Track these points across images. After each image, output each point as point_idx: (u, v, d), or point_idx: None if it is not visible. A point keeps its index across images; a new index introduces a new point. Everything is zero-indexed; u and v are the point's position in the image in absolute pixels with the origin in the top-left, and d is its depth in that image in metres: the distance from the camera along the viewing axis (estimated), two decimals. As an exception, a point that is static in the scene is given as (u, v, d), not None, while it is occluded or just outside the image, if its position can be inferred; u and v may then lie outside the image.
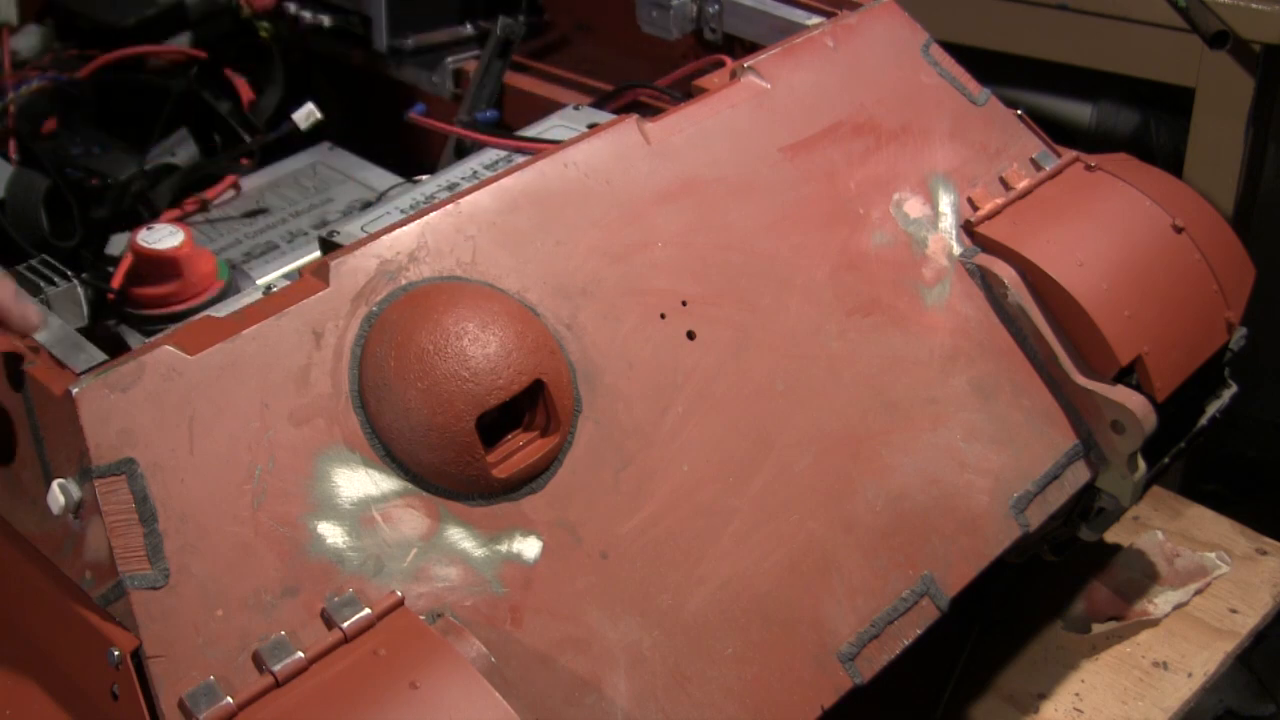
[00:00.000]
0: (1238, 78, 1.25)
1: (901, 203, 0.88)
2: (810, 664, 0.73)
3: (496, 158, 0.93)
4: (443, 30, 1.20)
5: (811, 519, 0.76)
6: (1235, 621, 1.07)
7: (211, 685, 0.59)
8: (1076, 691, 1.02)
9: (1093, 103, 1.43)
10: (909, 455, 0.81)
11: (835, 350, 0.81)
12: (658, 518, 0.72)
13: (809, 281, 0.82)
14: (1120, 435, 0.86)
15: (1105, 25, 1.32)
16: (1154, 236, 0.91)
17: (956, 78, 0.95)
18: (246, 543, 0.62)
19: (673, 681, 0.69)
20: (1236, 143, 1.28)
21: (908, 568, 0.78)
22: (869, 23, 0.94)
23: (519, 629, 0.66)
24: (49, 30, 1.24)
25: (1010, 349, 0.87)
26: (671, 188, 0.80)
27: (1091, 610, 1.08)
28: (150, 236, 0.86)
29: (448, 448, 0.66)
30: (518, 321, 0.70)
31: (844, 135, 0.88)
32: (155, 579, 0.60)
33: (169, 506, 0.61)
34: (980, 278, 0.88)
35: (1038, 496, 0.84)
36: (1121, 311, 0.86)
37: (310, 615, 0.62)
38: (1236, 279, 0.94)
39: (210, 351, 0.64)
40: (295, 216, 1.00)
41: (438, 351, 0.67)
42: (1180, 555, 1.13)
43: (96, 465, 0.60)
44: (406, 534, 0.66)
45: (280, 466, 0.64)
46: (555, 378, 0.70)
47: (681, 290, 0.78)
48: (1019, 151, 0.95)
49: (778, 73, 0.88)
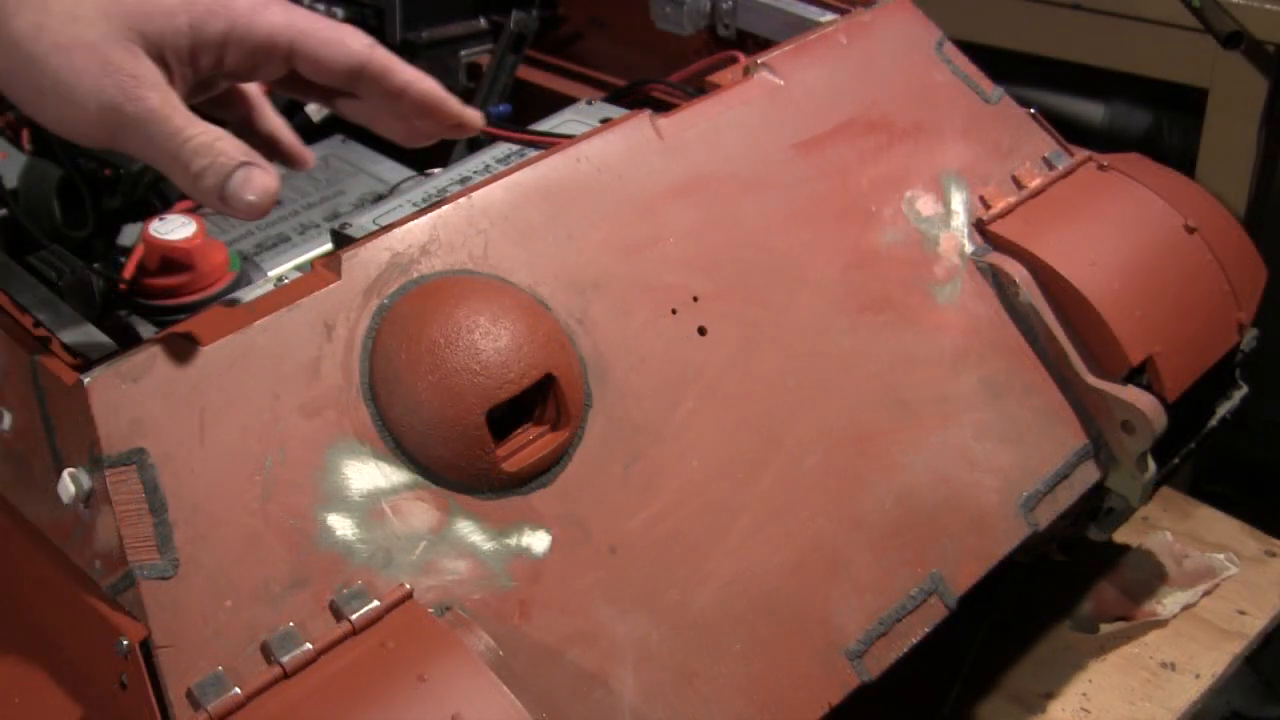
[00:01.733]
0: (1251, 78, 1.25)
1: (913, 200, 0.88)
2: (817, 661, 0.73)
3: (509, 152, 0.93)
4: (457, 24, 1.20)
5: (820, 516, 0.76)
6: (1243, 623, 1.07)
7: (220, 676, 0.59)
8: (1083, 691, 1.02)
9: (1105, 102, 1.43)
10: (918, 453, 0.81)
11: (846, 347, 0.81)
12: (666, 513, 0.72)
13: (820, 278, 0.82)
14: (1130, 435, 0.86)
15: (1118, 25, 1.31)
16: (1166, 237, 0.91)
17: (970, 76, 0.95)
18: (256, 534, 0.62)
19: (680, 677, 0.69)
20: (1249, 144, 1.28)
21: (916, 566, 0.78)
22: (882, 20, 0.94)
23: (527, 623, 0.66)
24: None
25: (1021, 348, 0.87)
26: (683, 183, 0.80)
27: (1099, 610, 1.08)
28: (162, 227, 0.86)
29: (458, 441, 0.66)
30: (529, 315, 0.70)
31: (856, 132, 0.88)
32: (165, 569, 0.60)
33: (179, 497, 0.61)
34: (992, 276, 0.88)
35: (1047, 496, 0.84)
36: (1133, 311, 0.86)
37: (319, 607, 0.62)
38: (1248, 280, 0.94)
39: (221, 343, 0.64)
40: (307, 209, 1.00)
41: (449, 345, 0.67)
42: (1189, 556, 1.13)
43: (107, 455, 0.60)
44: (416, 527, 0.66)
45: (290, 458, 0.64)
46: (566, 372, 0.70)
47: (693, 286, 0.78)
48: (1031, 150, 0.95)
49: (791, 69, 0.88)
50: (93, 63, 0.59)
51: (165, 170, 0.61)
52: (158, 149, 0.60)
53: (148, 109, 0.59)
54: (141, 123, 0.59)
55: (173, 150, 0.59)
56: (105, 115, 0.60)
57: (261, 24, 0.65)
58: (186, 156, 0.59)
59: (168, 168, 0.60)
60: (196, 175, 0.59)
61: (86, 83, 0.59)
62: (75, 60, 0.59)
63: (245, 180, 0.59)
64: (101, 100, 0.59)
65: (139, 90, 0.59)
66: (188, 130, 0.60)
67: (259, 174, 0.59)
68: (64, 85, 0.59)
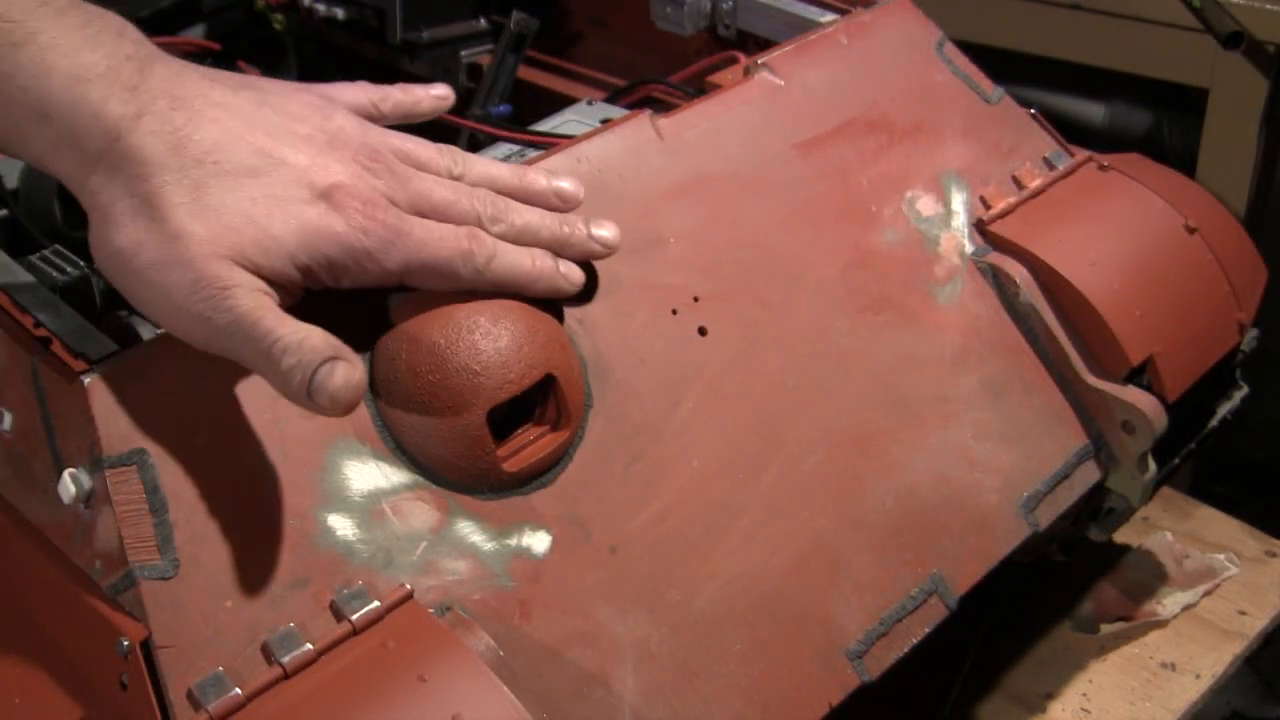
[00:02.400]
0: (1252, 78, 1.25)
1: (914, 200, 0.88)
2: (818, 661, 0.73)
3: (509, 152, 0.93)
4: (457, 24, 1.20)
5: (821, 516, 0.76)
6: (1244, 623, 1.07)
7: (220, 676, 0.59)
8: (1084, 692, 1.02)
9: (1106, 102, 1.43)
10: (919, 453, 0.81)
11: (846, 347, 0.81)
12: (667, 513, 0.72)
13: (820, 278, 0.82)
14: (1131, 435, 0.86)
15: (1119, 25, 1.32)
16: (1166, 237, 0.91)
17: (970, 76, 0.95)
18: (256, 534, 0.62)
19: (680, 677, 0.69)
20: (1250, 144, 1.28)
21: (917, 566, 0.78)
22: (883, 20, 0.94)
23: (527, 623, 0.66)
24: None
25: (1021, 348, 0.87)
26: (684, 183, 0.80)
27: (1100, 611, 1.08)
28: (163, 228, 0.86)
29: (458, 441, 0.66)
30: (529, 316, 0.70)
31: (857, 132, 0.88)
32: (165, 569, 0.60)
33: (180, 497, 0.61)
34: (992, 276, 0.88)
35: (1047, 496, 0.84)
36: (1133, 311, 0.86)
37: (319, 607, 0.62)
38: (1249, 280, 0.94)
39: (222, 343, 0.64)
40: (307, 209, 1.00)
41: (449, 345, 0.67)
42: (1189, 556, 1.13)
43: (107, 455, 0.60)
44: (416, 527, 0.66)
45: (291, 458, 0.64)
46: (566, 372, 0.70)
47: (693, 286, 0.78)
48: (1032, 150, 0.95)
49: (791, 70, 0.88)
50: (185, 278, 0.59)
51: (261, 372, 0.60)
52: (249, 351, 0.59)
53: (235, 316, 0.59)
54: (230, 330, 0.59)
55: (264, 351, 0.59)
56: (195, 327, 0.60)
57: (381, 272, 0.65)
58: (276, 356, 0.58)
59: (262, 369, 0.60)
60: (285, 374, 0.58)
61: (177, 297, 0.59)
62: (169, 275, 0.59)
63: (329, 374, 0.58)
64: (192, 314, 0.59)
65: (227, 301, 0.59)
66: (277, 331, 0.59)
67: (343, 368, 0.58)
68: (159, 298, 0.60)
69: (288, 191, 0.62)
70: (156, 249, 0.59)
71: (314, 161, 0.63)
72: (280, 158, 0.63)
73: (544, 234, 0.71)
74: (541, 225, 0.71)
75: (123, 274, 0.61)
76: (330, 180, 0.63)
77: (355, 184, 0.64)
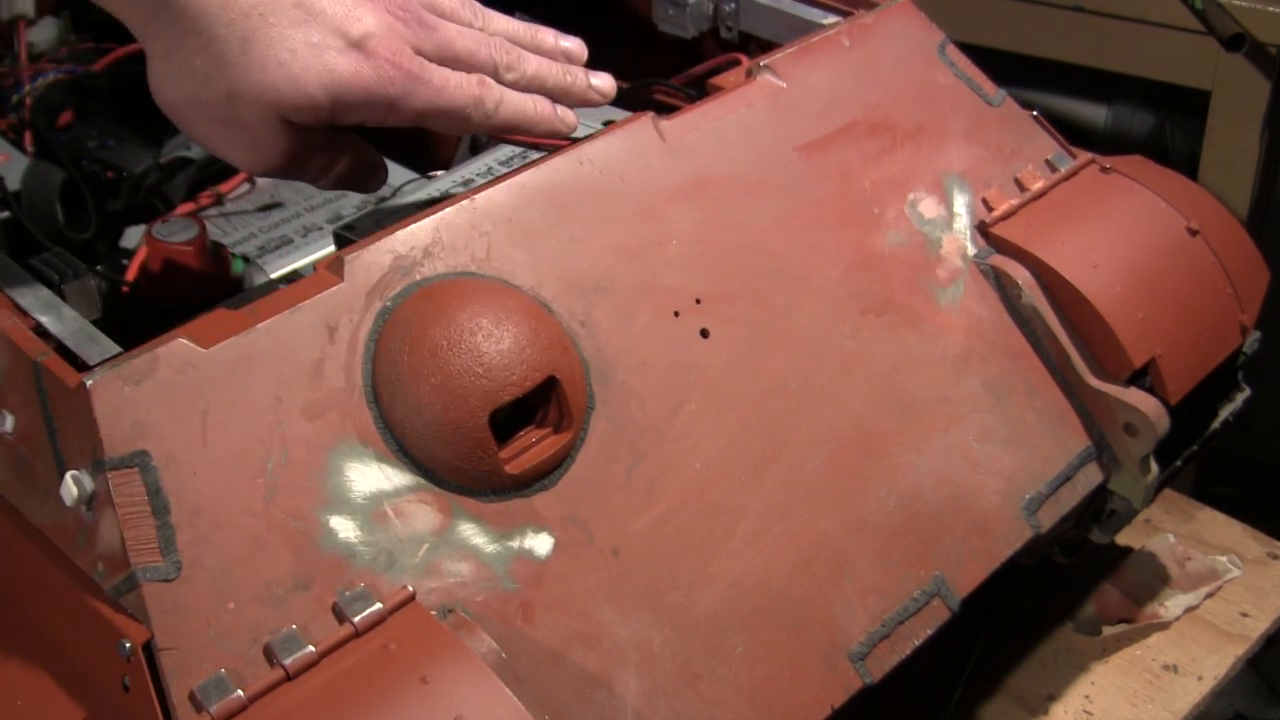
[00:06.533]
0: (1254, 81, 1.24)
1: (916, 203, 0.88)
2: (821, 663, 0.73)
3: (511, 154, 0.93)
4: (458, 26, 1.20)
5: (823, 518, 0.76)
6: (1246, 625, 1.07)
7: (222, 678, 0.59)
8: (1086, 694, 1.02)
9: (1108, 105, 1.43)
10: (921, 455, 0.81)
11: (848, 350, 0.81)
12: (669, 515, 0.72)
13: (823, 281, 0.82)
14: (1133, 438, 0.86)
15: (1121, 27, 1.31)
16: (1168, 239, 0.91)
17: (972, 78, 0.95)
18: (259, 536, 0.62)
19: (683, 679, 0.69)
20: (1252, 146, 1.28)
21: (919, 568, 0.78)
22: (885, 22, 0.94)
23: (530, 625, 0.66)
24: (66, 23, 1.24)
25: (1024, 350, 0.87)
26: (686, 185, 0.80)
27: (1102, 613, 1.08)
28: (165, 230, 0.86)
29: (460, 443, 0.66)
30: (532, 318, 0.70)
31: (859, 135, 0.88)
32: (167, 571, 0.60)
33: (182, 499, 0.61)
34: (994, 279, 0.88)
35: (1050, 498, 0.84)
36: (1135, 314, 0.86)
37: (322, 609, 0.62)
38: (1251, 282, 0.94)
39: (224, 345, 0.64)
40: (310, 211, 1.00)
41: (451, 347, 0.67)
42: (1191, 558, 1.13)
43: (109, 457, 0.60)
44: (418, 529, 0.66)
45: (293, 460, 0.64)
46: (569, 375, 0.70)
47: (695, 288, 0.78)
48: (1034, 153, 0.95)
49: (793, 71, 0.88)
50: (244, 139, 0.71)
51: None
52: None
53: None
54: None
55: None
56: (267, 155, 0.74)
57: (401, 116, 0.73)
58: None
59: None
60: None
61: (235, 153, 0.74)
62: (228, 132, 0.71)
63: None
64: (257, 156, 0.74)
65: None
66: None
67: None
68: (219, 146, 0.72)
69: (325, 39, 0.69)
70: (212, 107, 0.69)
71: (350, 12, 0.70)
72: (319, 9, 0.69)
73: (550, 81, 0.79)
74: (548, 73, 0.79)
75: (182, 122, 0.71)
76: (362, 30, 0.70)
77: (385, 34, 0.70)
